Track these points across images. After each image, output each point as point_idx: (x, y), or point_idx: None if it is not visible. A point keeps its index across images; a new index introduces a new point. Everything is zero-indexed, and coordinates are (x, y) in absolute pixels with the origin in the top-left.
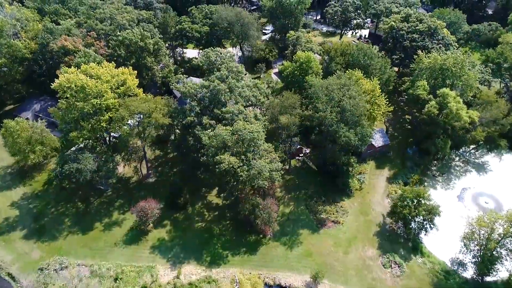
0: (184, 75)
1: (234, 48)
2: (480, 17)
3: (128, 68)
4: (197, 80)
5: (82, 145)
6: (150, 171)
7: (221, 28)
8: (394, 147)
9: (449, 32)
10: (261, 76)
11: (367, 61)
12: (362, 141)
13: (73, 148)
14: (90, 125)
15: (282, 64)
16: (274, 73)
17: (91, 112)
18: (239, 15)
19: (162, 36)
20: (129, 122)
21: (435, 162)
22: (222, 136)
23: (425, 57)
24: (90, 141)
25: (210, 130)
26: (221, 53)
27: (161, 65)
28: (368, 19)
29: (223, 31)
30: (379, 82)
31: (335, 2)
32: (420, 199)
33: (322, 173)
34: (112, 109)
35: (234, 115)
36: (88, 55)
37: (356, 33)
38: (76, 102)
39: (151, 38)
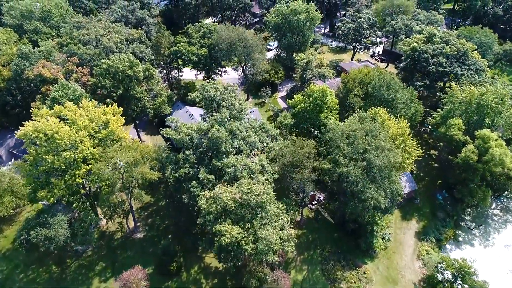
0: (180, 102)
1: (235, 71)
2: (503, 30)
3: (112, 104)
4: (195, 111)
5: None
6: (138, 224)
7: (221, 50)
8: (420, 191)
9: (479, 55)
10: (266, 101)
11: (391, 95)
12: (392, 201)
13: (45, 201)
14: (63, 181)
15: (292, 98)
16: (281, 98)
17: (63, 167)
18: (242, 35)
19: (155, 57)
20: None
21: (469, 209)
22: (223, 201)
23: (459, 89)
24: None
25: (207, 190)
26: (221, 87)
27: (153, 94)
28: (383, 37)
29: (223, 53)
30: (403, 116)
31: (347, 18)
32: (464, 273)
33: (340, 227)
34: (90, 159)
35: (237, 170)
36: (66, 87)
37: (369, 50)
38: (44, 156)
39: (142, 61)
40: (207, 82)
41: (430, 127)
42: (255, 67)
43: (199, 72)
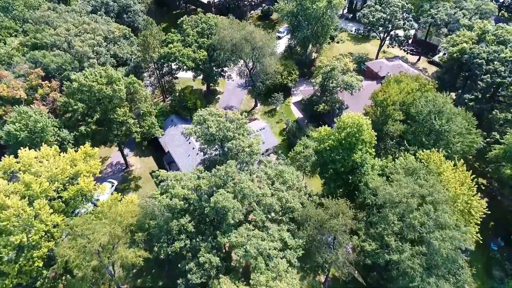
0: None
1: (242, 78)
2: None
3: (85, 144)
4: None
5: None
6: (124, 287)
7: (221, 50)
8: None
9: None
10: (278, 108)
11: (444, 126)
12: None
13: None
14: (17, 266)
15: (316, 128)
16: (294, 103)
17: (14, 256)
18: (250, 36)
19: (143, 58)
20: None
21: None
22: None
23: None
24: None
25: (211, 281)
26: (224, 120)
27: (138, 111)
28: (420, 28)
29: (226, 57)
30: (454, 150)
31: (376, 3)
32: None
33: None
34: (54, 233)
35: (250, 256)
36: (26, 117)
37: (401, 44)
38: None
39: (128, 62)
40: (206, 110)
41: (489, 160)
42: (265, 73)
43: (196, 74)
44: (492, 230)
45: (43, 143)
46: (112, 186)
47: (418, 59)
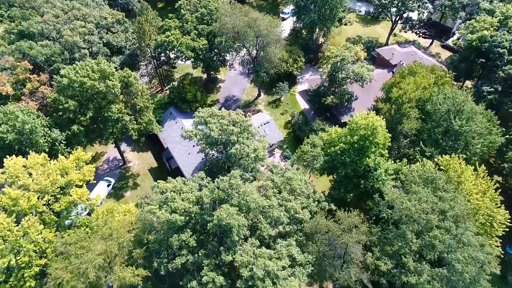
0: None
1: (245, 68)
2: None
3: (78, 145)
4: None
5: None
6: None
7: (225, 40)
8: None
9: None
10: (282, 98)
11: (464, 127)
12: None
13: None
14: (8, 285)
15: (325, 131)
16: (300, 93)
17: (2, 278)
18: (254, 24)
19: (138, 45)
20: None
21: None
22: None
23: None
24: None
25: None
26: (227, 122)
27: (133, 103)
28: (435, 11)
29: (227, 46)
30: (473, 152)
31: None
32: None
33: None
34: (46, 249)
35: (257, 278)
36: (13, 117)
37: (414, 28)
38: None
39: (123, 50)
40: (207, 112)
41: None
42: (269, 61)
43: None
44: (508, 232)
45: (32, 145)
46: (109, 185)
47: (431, 43)
